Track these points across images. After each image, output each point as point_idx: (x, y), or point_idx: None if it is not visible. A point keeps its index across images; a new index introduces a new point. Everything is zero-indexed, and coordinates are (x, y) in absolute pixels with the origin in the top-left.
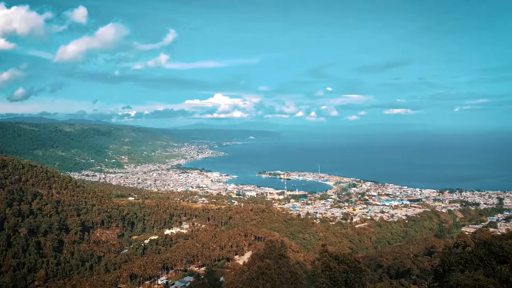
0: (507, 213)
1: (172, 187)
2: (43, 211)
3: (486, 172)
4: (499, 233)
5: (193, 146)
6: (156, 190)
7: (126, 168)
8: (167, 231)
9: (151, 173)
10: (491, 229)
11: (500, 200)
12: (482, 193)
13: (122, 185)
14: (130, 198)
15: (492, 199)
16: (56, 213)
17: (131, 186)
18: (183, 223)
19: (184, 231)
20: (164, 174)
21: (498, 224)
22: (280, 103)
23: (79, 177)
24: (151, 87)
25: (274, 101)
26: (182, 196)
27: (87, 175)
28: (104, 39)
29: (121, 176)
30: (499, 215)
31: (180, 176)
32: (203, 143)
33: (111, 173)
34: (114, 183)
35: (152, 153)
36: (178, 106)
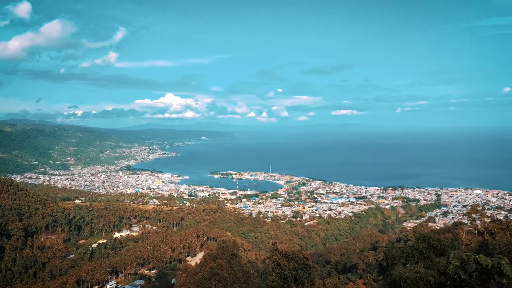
0: (444, 208)
1: (121, 189)
2: None
3: (426, 170)
4: (437, 228)
5: (143, 147)
6: (104, 192)
7: (72, 170)
8: (117, 234)
9: (99, 175)
10: (430, 224)
11: (438, 196)
12: (422, 190)
13: (68, 187)
14: (77, 201)
15: (431, 195)
16: None
17: (78, 188)
18: (133, 225)
19: (134, 233)
20: (113, 175)
21: (437, 219)
22: (232, 103)
23: (22, 180)
24: (100, 86)
25: (226, 101)
26: (132, 198)
27: (30, 178)
28: (49, 35)
29: (67, 178)
30: (437, 210)
31: (130, 177)
32: (154, 144)
33: (56, 175)
34: (59, 185)
35: (100, 154)
36: (128, 106)
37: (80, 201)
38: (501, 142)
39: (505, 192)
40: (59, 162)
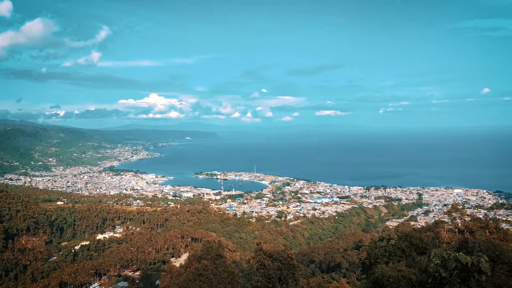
0: (426, 207)
1: (104, 190)
2: None
3: (408, 170)
4: (419, 226)
5: (127, 147)
6: (87, 193)
7: (54, 171)
8: (100, 236)
9: (81, 176)
10: (412, 223)
11: (420, 195)
12: (404, 189)
13: (50, 189)
14: (59, 203)
15: (412, 194)
16: None
17: (60, 189)
18: (117, 227)
19: (118, 235)
20: (96, 176)
21: (418, 218)
22: (217, 104)
23: (2, 182)
24: (82, 86)
25: (211, 101)
26: (116, 199)
27: (11, 179)
28: (31, 34)
29: (49, 180)
30: (419, 209)
31: (113, 178)
32: (138, 144)
33: (37, 176)
34: (41, 187)
35: (83, 155)
36: (111, 106)
37: (62, 203)
38: (480, 142)
39: (484, 191)
40: (40, 163)
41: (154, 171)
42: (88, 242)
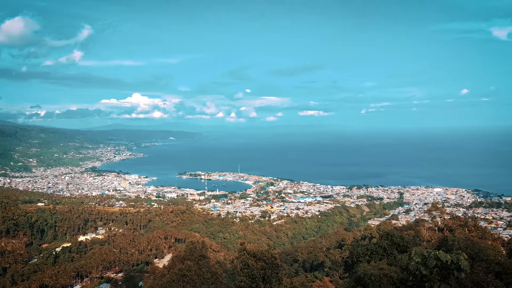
0: (407, 206)
1: (86, 191)
2: None
3: (389, 169)
4: (400, 225)
5: (109, 148)
6: (68, 194)
7: (34, 172)
8: (82, 238)
9: (63, 177)
10: (393, 221)
11: (401, 194)
12: (385, 188)
13: (30, 190)
14: (40, 204)
15: (394, 193)
16: None
17: (40, 191)
18: (99, 228)
19: (100, 236)
20: (78, 177)
21: (399, 217)
22: (201, 104)
23: None
24: (64, 85)
25: (195, 101)
26: (98, 200)
27: None
28: (11, 33)
29: (29, 181)
30: (400, 208)
31: (95, 179)
32: (121, 145)
33: (17, 177)
34: (21, 188)
35: (64, 156)
36: (93, 106)
37: (43, 204)
38: (459, 141)
39: (463, 190)
40: (20, 163)
41: (137, 171)
42: (69, 244)
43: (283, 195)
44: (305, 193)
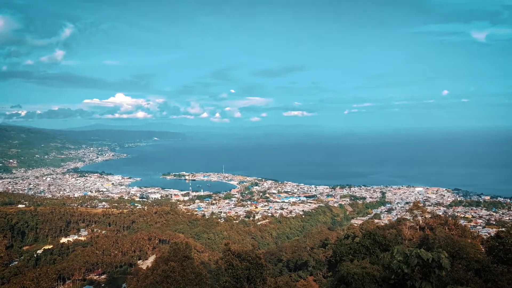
0: (389, 205)
1: (68, 192)
2: None
3: (371, 169)
4: (382, 224)
5: (92, 148)
6: (50, 196)
7: (15, 173)
8: (64, 240)
9: (44, 178)
10: (376, 220)
11: (383, 194)
12: (368, 188)
13: (10, 191)
14: (20, 206)
15: (376, 193)
16: None
17: (21, 192)
18: (82, 230)
19: (82, 238)
20: (60, 178)
21: (382, 216)
22: (185, 104)
23: None
24: (45, 85)
25: (179, 102)
26: (80, 201)
27: None
28: None
29: (9, 182)
30: (382, 207)
31: (77, 180)
32: (104, 145)
33: None
34: (0, 189)
35: (46, 156)
36: (75, 106)
37: (23, 206)
38: (440, 142)
39: (444, 189)
40: (0, 164)
41: (120, 172)
42: (51, 246)
43: (267, 195)
44: (289, 193)
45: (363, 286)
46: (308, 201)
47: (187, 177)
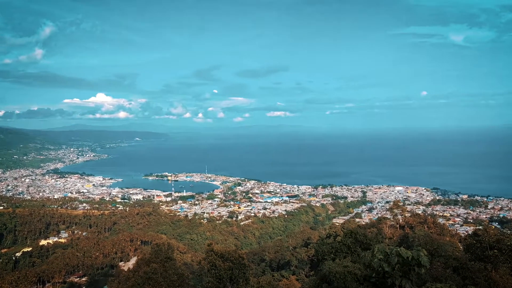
0: (370, 204)
1: (48, 194)
2: None
3: (353, 169)
4: (363, 223)
5: (72, 149)
6: (29, 197)
7: None
8: (43, 242)
9: (23, 179)
10: (357, 220)
11: (364, 193)
12: (349, 187)
13: None
14: None
15: (357, 192)
16: None
17: None
18: (62, 232)
19: (63, 240)
20: (39, 179)
21: (363, 215)
22: (168, 104)
23: None
24: (24, 84)
25: (162, 102)
26: (60, 203)
27: None
28: None
29: None
30: (363, 206)
31: (57, 181)
32: (84, 146)
33: None
34: None
35: (24, 157)
36: (55, 106)
37: (1, 208)
38: (419, 142)
39: (423, 188)
40: None
41: (101, 173)
42: (30, 249)
43: (250, 195)
44: (272, 193)
45: (345, 284)
46: (290, 201)
47: (169, 178)
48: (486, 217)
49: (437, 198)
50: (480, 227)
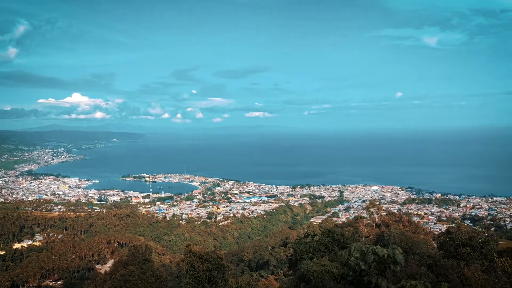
0: (347, 203)
1: (22, 196)
2: None
3: (330, 169)
4: (340, 222)
5: (47, 150)
6: (2, 200)
7: None
8: (17, 245)
9: None
10: (334, 219)
11: (341, 192)
12: (327, 187)
13: None
14: None
15: (334, 192)
16: None
17: None
18: (36, 234)
19: (37, 243)
20: (12, 181)
21: (340, 214)
22: (145, 104)
23: None
24: None
25: (139, 102)
26: (35, 205)
27: None
28: None
29: None
30: (340, 206)
31: (31, 183)
32: (60, 146)
33: None
34: None
35: None
36: (29, 106)
37: None
38: (394, 142)
39: (398, 187)
40: None
41: (77, 174)
42: (3, 252)
43: (229, 195)
44: (251, 193)
45: (323, 283)
46: (269, 201)
47: (147, 179)
48: (458, 215)
49: (411, 197)
50: (453, 225)
